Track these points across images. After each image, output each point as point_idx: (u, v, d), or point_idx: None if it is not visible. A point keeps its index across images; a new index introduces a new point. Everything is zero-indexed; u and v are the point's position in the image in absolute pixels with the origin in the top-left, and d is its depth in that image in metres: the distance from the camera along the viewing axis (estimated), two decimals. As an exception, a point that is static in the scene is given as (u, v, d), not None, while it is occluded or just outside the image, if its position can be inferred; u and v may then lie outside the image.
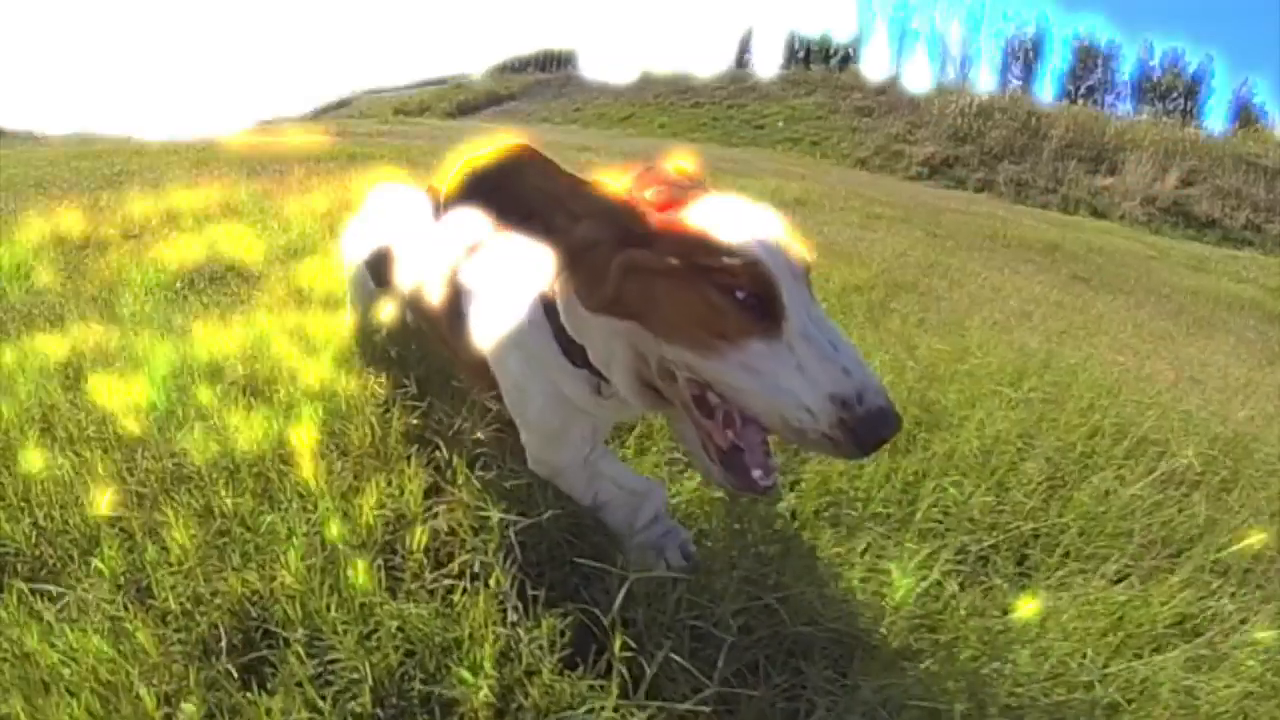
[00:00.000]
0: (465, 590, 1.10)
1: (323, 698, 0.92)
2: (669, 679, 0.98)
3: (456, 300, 1.53)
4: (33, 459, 1.43)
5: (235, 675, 0.99)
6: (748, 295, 1.05)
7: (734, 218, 1.12)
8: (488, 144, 1.06)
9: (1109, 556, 1.56)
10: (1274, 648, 1.30)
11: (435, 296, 1.64)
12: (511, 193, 1.10)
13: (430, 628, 1.05)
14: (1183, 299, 10.80)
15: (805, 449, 1.08)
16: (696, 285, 1.06)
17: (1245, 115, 44.64)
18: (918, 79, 53.65)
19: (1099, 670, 1.19)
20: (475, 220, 1.70)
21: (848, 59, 58.52)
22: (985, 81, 53.70)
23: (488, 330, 1.42)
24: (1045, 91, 52.96)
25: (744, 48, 65.69)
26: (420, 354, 2.11)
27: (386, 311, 2.15)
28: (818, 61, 58.31)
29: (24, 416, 1.59)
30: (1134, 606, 1.38)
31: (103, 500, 1.29)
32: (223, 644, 1.03)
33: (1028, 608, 1.33)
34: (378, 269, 2.10)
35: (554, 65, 73.51)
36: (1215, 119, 48.31)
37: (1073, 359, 3.05)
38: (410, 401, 1.77)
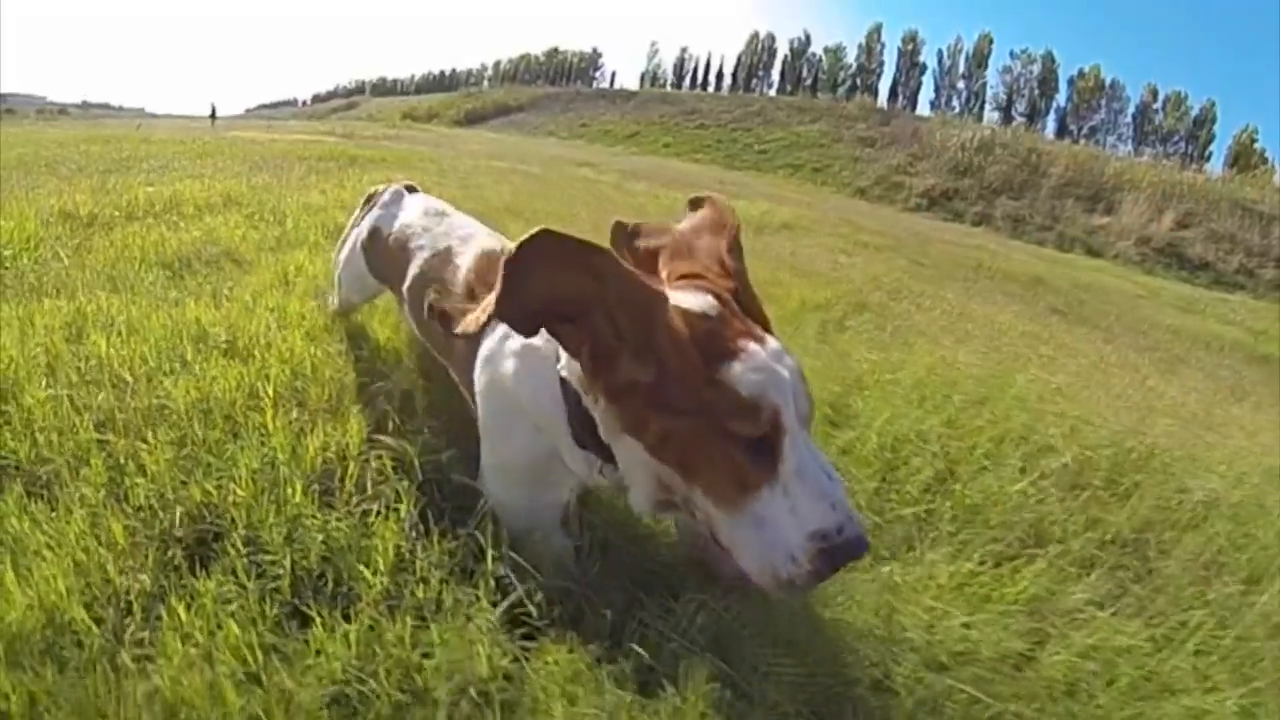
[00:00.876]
0: (379, 513, 1.32)
1: (251, 582, 1.14)
2: (535, 603, 1.18)
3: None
4: (36, 392, 1.64)
5: (185, 562, 1.21)
6: (759, 441, 1.09)
7: (757, 360, 1.13)
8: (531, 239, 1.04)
9: (985, 542, 1.77)
10: (1106, 626, 1.50)
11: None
12: (551, 296, 1.10)
13: (347, 539, 1.26)
14: (1161, 336, 10.96)
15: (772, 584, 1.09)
16: (725, 447, 1.09)
17: (1245, 160, 45.23)
18: (922, 111, 54.41)
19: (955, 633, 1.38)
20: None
21: (855, 88, 59.32)
22: (989, 117, 54.48)
23: (494, 377, 1.41)
24: (1047, 129, 53.70)
25: (750, 70, 66.64)
26: (380, 334, 2.36)
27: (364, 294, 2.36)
28: (825, 89, 59.06)
29: (30, 360, 1.81)
30: (994, 585, 1.57)
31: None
32: (179, 538, 1.25)
33: (904, 578, 1.53)
34: (377, 263, 2.13)
35: (564, 79, 74.22)
36: (1214, 163, 48.93)
37: (1014, 378, 3.18)
38: (364, 367, 2.07)
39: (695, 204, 1.45)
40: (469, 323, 1.13)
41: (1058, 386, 3.54)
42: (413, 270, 1.86)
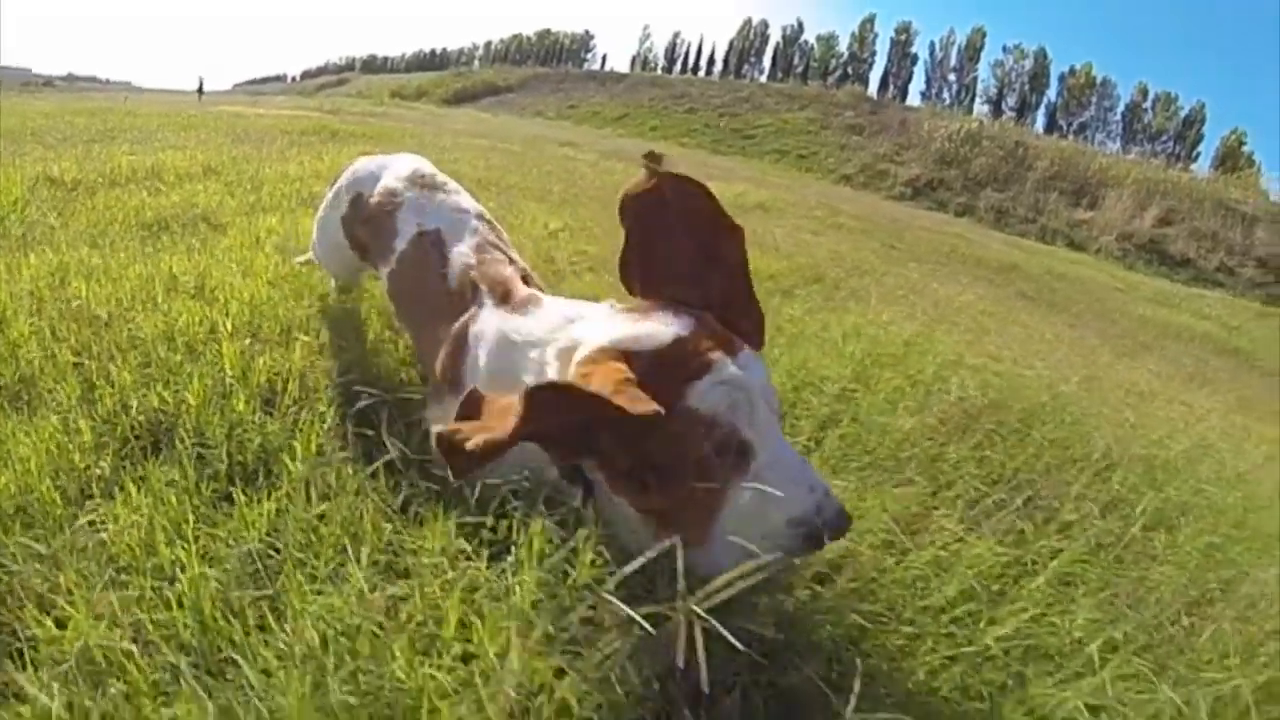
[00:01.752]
0: (309, 420, 1.53)
1: (193, 469, 1.34)
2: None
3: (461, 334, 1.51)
4: (21, 327, 1.84)
5: (141, 454, 1.42)
6: (723, 449, 1.14)
7: (720, 374, 1.16)
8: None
9: (863, 468, 1.86)
10: (988, 559, 1.53)
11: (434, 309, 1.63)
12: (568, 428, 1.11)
13: (279, 440, 1.46)
14: (1129, 324, 11.20)
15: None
16: (701, 477, 1.13)
17: (1232, 162, 45.49)
18: (913, 102, 54.39)
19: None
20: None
21: (846, 76, 59.29)
22: (979, 110, 54.51)
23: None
24: (1037, 124, 53.83)
25: (742, 56, 66.49)
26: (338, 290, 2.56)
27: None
28: (815, 77, 59.03)
29: (16, 301, 2.00)
30: (868, 509, 1.72)
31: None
32: (138, 435, 1.45)
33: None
34: (358, 238, 2.05)
35: (555, 60, 73.80)
36: (1201, 163, 49.16)
37: (937, 340, 3.32)
38: (318, 307, 2.32)
39: (651, 168, 1.33)
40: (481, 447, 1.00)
41: (989, 350, 3.61)
42: (397, 248, 1.83)
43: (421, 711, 0.84)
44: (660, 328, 1.20)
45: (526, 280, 1.67)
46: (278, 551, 1.12)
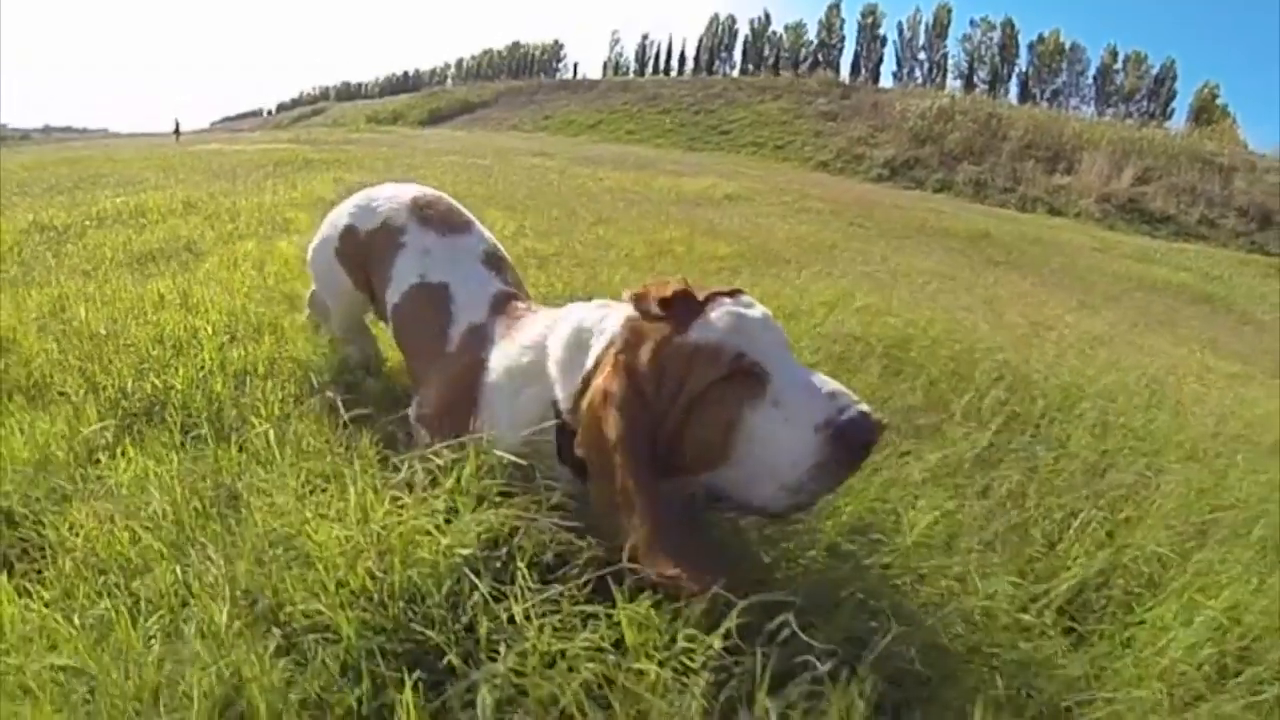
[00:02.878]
0: (274, 389, 1.86)
1: (180, 435, 1.64)
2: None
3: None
4: (31, 344, 2.14)
5: (140, 424, 1.73)
6: (733, 373, 1.18)
7: (722, 308, 1.24)
8: None
9: None
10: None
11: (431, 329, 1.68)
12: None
13: (248, 409, 1.78)
14: (1098, 280, 11.40)
15: (808, 498, 1.16)
16: (708, 415, 1.18)
17: (1208, 115, 45.73)
18: (885, 84, 54.58)
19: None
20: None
21: (817, 63, 59.48)
22: (951, 86, 54.68)
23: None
24: (1010, 95, 54.00)
25: (712, 53, 66.78)
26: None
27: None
28: (786, 67, 59.21)
29: (25, 324, 2.31)
30: None
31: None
32: (135, 414, 1.77)
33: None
34: (354, 266, 1.99)
35: (527, 72, 73.99)
36: (1176, 119, 49.36)
37: (855, 297, 3.51)
38: (289, 311, 2.59)
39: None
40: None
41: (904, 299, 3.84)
42: (395, 286, 1.83)
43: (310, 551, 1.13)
44: (661, 288, 1.27)
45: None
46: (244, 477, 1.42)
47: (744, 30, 65.14)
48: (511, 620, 1.00)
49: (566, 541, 1.14)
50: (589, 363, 1.30)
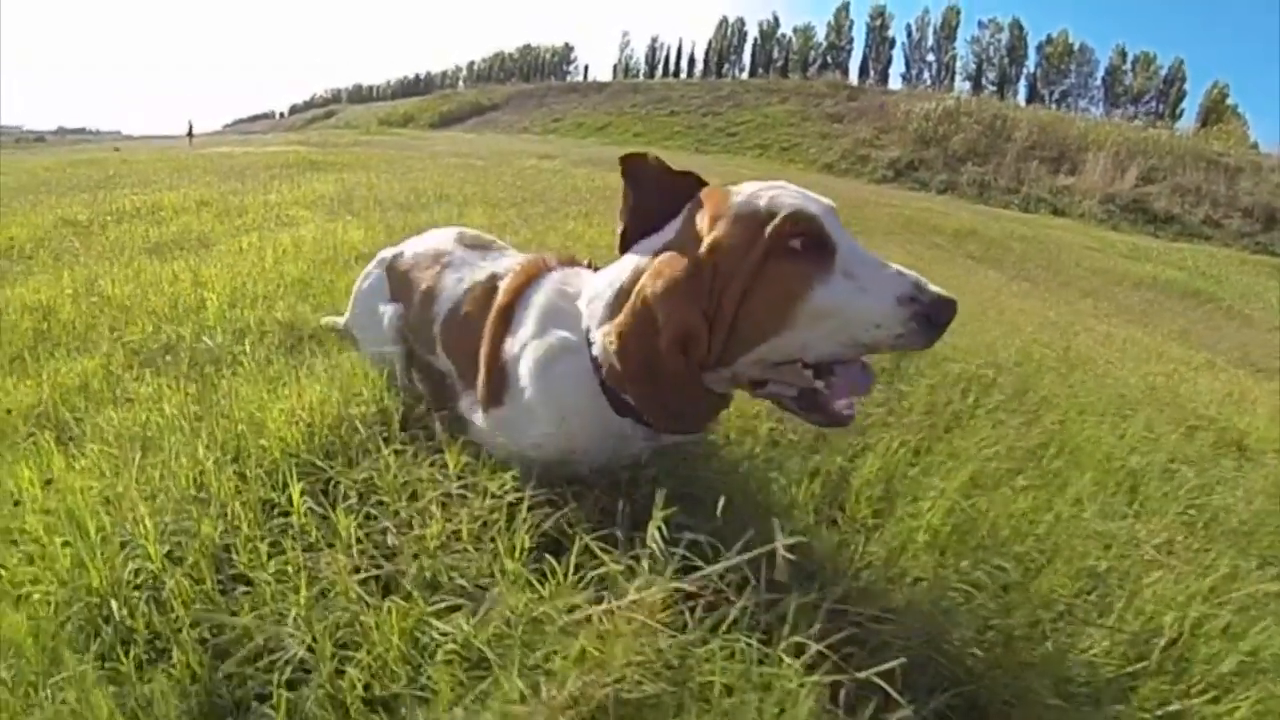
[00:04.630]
0: (265, 340, 2.27)
1: (187, 370, 2.07)
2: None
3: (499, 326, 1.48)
4: (69, 311, 2.60)
5: (155, 351, 2.19)
6: (801, 241, 1.16)
7: (774, 185, 1.24)
8: None
9: None
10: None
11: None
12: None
13: (241, 353, 2.20)
14: (1079, 275, 11.70)
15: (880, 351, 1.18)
16: (779, 268, 1.16)
17: (1217, 115, 45.57)
18: (892, 84, 54.51)
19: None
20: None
21: (826, 66, 59.55)
22: (959, 87, 54.48)
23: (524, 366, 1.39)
24: (1019, 96, 53.84)
25: (721, 55, 66.96)
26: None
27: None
28: (796, 69, 59.31)
29: (61, 296, 2.77)
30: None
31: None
32: (150, 358, 2.19)
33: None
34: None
35: (538, 75, 74.38)
36: (1186, 119, 49.02)
37: None
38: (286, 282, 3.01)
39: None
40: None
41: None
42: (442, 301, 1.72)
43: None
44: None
45: None
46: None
47: (753, 33, 65.71)
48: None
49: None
50: (619, 283, 1.32)
